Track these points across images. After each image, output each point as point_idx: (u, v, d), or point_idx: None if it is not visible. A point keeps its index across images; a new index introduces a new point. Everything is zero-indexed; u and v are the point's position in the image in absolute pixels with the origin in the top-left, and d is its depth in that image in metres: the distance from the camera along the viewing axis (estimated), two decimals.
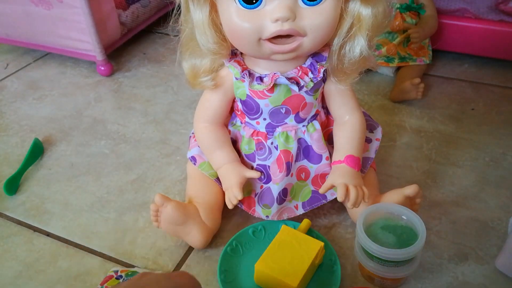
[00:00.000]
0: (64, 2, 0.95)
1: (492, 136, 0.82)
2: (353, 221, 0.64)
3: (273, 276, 0.53)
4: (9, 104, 0.97)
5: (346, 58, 0.55)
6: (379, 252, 0.51)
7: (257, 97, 0.58)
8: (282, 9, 0.48)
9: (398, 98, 0.91)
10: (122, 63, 1.11)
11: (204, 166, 0.66)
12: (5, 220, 0.69)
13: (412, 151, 0.79)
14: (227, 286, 0.55)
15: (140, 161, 0.79)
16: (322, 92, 0.61)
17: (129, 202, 0.71)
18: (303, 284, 0.54)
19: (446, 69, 1.04)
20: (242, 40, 0.51)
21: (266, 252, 0.55)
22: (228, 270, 0.57)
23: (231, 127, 0.66)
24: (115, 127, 0.89)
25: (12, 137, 0.87)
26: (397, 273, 0.54)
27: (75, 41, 1.02)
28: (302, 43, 0.51)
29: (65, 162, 0.80)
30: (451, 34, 1.02)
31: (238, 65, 0.57)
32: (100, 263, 0.61)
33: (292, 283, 0.52)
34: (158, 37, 1.22)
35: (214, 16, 0.52)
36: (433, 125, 0.86)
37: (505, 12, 0.96)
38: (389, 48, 0.98)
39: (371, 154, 0.67)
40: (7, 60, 1.14)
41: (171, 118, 0.91)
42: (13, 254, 0.63)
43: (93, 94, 0.99)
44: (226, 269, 0.57)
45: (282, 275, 0.53)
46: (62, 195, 0.73)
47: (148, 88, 1.01)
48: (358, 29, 0.53)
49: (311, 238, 0.57)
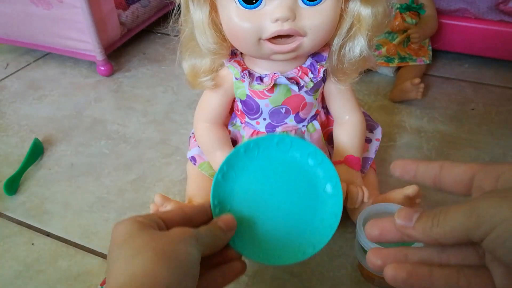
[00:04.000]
0: (64, 2, 0.95)
1: (492, 136, 0.82)
2: (353, 221, 0.64)
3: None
4: (9, 104, 0.97)
5: (346, 58, 0.55)
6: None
7: (257, 97, 0.58)
8: (282, 9, 0.48)
9: (398, 98, 0.91)
10: (122, 63, 1.11)
11: (204, 166, 0.66)
12: (5, 220, 0.69)
13: (412, 151, 0.79)
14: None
15: (140, 161, 0.80)
16: (322, 92, 0.61)
17: (129, 202, 0.71)
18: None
19: (446, 69, 1.04)
20: (242, 40, 0.51)
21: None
22: (222, 202, 0.50)
23: (231, 127, 0.66)
24: (115, 127, 0.89)
25: (12, 137, 0.87)
26: None
27: (75, 41, 1.02)
28: (302, 43, 0.51)
29: (65, 162, 0.80)
30: (451, 34, 1.02)
31: (238, 65, 0.57)
32: (100, 263, 0.61)
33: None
34: (158, 37, 1.22)
35: (214, 16, 0.52)
36: (433, 125, 0.86)
37: (505, 12, 0.96)
38: (389, 48, 0.98)
39: (371, 154, 0.67)
40: (7, 60, 1.14)
41: (171, 118, 0.91)
42: (13, 254, 0.63)
43: (93, 94, 0.99)
44: (219, 201, 0.50)
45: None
46: (62, 195, 0.73)
47: (148, 88, 1.01)
48: (358, 29, 0.53)
49: None
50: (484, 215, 0.26)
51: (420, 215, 0.30)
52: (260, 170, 0.52)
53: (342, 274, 0.58)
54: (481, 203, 0.27)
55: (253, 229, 0.50)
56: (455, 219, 0.28)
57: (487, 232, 0.26)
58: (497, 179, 0.29)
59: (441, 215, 0.28)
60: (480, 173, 0.30)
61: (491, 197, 0.27)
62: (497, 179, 0.29)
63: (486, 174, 0.30)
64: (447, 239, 0.28)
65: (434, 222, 0.28)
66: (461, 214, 0.27)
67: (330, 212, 0.51)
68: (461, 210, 0.28)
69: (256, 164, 0.52)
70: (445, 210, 0.29)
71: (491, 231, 0.26)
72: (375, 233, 0.33)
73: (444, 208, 0.29)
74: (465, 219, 0.27)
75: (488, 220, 0.26)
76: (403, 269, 0.31)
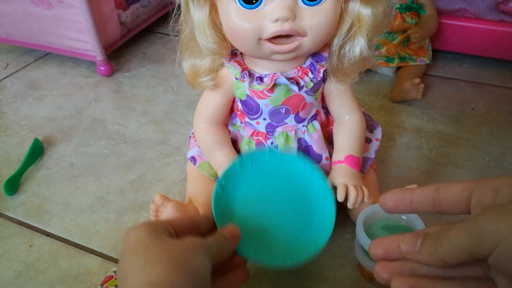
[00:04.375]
0: (64, 2, 0.95)
1: (492, 136, 0.82)
2: (353, 221, 0.64)
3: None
4: (9, 104, 0.97)
5: (346, 58, 0.55)
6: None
7: (257, 97, 0.58)
8: (282, 9, 0.48)
9: (398, 98, 0.91)
10: (122, 63, 1.11)
11: (204, 166, 0.66)
12: (5, 220, 0.69)
13: (412, 151, 0.79)
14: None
15: (140, 161, 0.79)
16: (322, 92, 0.61)
17: (129, 202, 0.71)
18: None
19: (446, 69, 1.04)
20: (242, 40, 0.51)
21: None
22: (223, 213, 0.54)
23: (231, 127, 0.66)
24: (115, 127, 0.89)
25: (12, 137, 0.87)
26: None
27: (75, 41, 1.02)
28: (302, 43, 0.51)
29: (65, 162, 0.80)
30: (451, 34, 1.02)
31: (238, 65, 0.57)
32: (100, 263, 0.61)
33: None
34: (158, 37, 1.22)
35: (214, 16, 0.52)
36: (433, 125, 0.86)
37: (505, 12, 0.96)
38: (389, 48, 0.98)
39: (371, 154, 0.67)
40: (7, 60, 1.14)
41: (171, 118, 0.91)
42: (13, 254, 0.63)
43: (93, 94, 0.99)
44: (221, 212, 0.53)
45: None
46: (62, 195, 0.73)
47: (148, 88, 1.01)
48: (358, 29, 0.53)
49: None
50: (486, 232, 0.26)
51: (423, 238, 0.30)
52: (256, 182, 0.56)
53: (342, 274, 0.58)
54: (482, 219, 0.27)
55: (256, 235, 0.53)
56: (458, 238, 0.28)
57: (491, 249, 0.26)
58: (495, 193, 0.29)
59: (443, 236, 0.29)
60: (477, 189, 0.30)
61: (492, 213, 0.27)
62: (495, 193, 0.29)
63: (483, 190, 0.30)
64: (453, 259, 0.28)
65: (438, 244, 0.29)
66: (463, 233, 0.27)
67: (325, 213, 0.55)
68: (463, 228, 0.28)
69: (251, 177, 0.57)
70: (447, 229, 0.29)
71: (495, 248, 0.26)
72: (380, 253, 0.33)
73: (446, 228, 0.29)
74: (468, 237, 0.27)
75: (490, 237, 0.26)
76: (406, 283, 0.31)
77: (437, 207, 0.32)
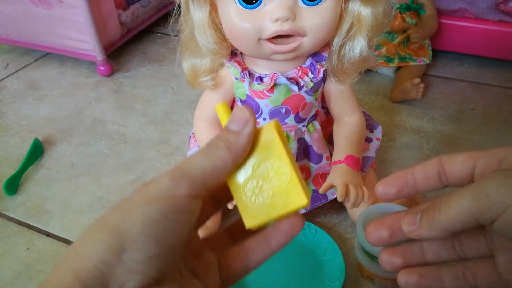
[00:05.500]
0: (64, 2, 0.95)
1: (492, 136, 0.82)
2: (353, 221, 0.64)
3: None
4: (9, 104, 0.97)
5: (346, 58, 0.55)
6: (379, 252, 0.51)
7: (257, 97, 0.58)
8: (282, 9, 0.48)
9: (398, 98, 0.91)
10: (122, 63, 1.11)
11: None
12: (5, 220, 0.69)
13: (412, 151, 0.79)
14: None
15: (140, 161, 0.79)
16: (322, 92, 0.61)
17: None
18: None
19: (446, 69, 1.04)
20: (242, 40, 0.51)
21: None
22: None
23: None
24: (115, 127, 0.89)
25: (12, 137, 0.87)
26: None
27: (75, 41, 1.02)
28: (302, 43, 0.51)
29: (65, 162, 0.80)
30: (451, 34, 1.02)
31: (238, 65, 0.57)
32: None
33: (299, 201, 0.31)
34: (158, 37, 1.22)
35: (214, 16, 0.52)
36: (433, 125, 0.86)
37: (505, 12, 0.96)
38: (389, 48, 0.98)
39: (372, 154, 0.67)
40: (7, 60, 1.14)
41: (171, 118, 0.91)
42: (13, 254, 0.63)
43: (93, 94, 0.99)
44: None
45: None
46: (62, 195, 0.73)
47: (148, 88, 1.01)
48: (358, 29, 0.53)
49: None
50: (494, 196, 0.24)
51: (422, 212, 0.28)
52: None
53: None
54: (490, 182, 0.25)
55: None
56: (460, 202, 0.26)
57: (499, 213, 0.24)
58: (500, 163, 0.28)
59: (442, 202, 0.27)
60: (481, 159, 0.28)
61: (500, 176, 0.25)
62: (500, 163, 0.28)
63: (487, 160, 0.28)
64: (454, 224, 0.26)
65: (436, 211, 0.27)
66: (467, 197, 0.26)
67: (335, 268, 0.58)
68: (467, 192, 0.26)
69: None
70: (446, 196, 0.27)
71: (503, 212, 0.24)
72: (384, 234, 0.30)
73: (445, 196, 0.27)
74: (473, 201, 0.25)
75: (499, 200, 0.24)
76: (414, 272, 0.30)
77: (443, 181, 0.30)
